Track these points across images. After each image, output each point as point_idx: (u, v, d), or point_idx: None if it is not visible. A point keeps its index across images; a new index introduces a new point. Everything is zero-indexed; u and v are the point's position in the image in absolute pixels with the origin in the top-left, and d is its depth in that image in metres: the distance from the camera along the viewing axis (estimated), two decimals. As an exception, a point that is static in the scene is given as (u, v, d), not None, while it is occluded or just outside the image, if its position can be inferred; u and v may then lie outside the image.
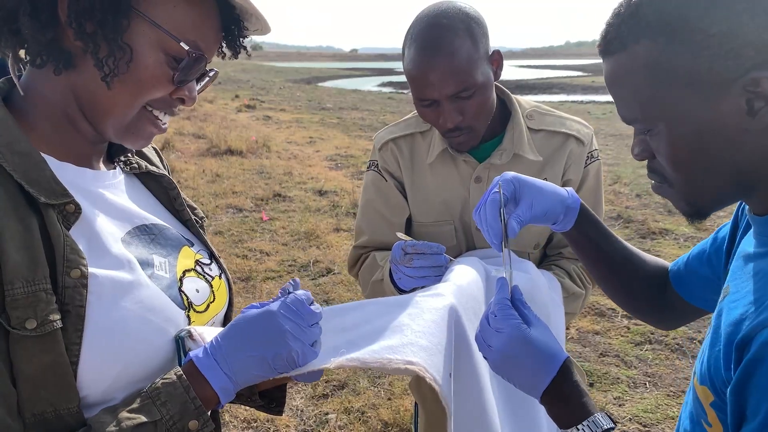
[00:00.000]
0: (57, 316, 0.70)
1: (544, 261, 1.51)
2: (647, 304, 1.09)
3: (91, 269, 0.74)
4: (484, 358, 0.92)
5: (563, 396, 0.83)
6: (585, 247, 1.07)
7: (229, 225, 5.53)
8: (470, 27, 1.22)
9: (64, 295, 0.71)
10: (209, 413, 0.78)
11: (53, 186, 0.75)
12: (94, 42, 0.75)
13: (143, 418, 0.71)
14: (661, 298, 1.06)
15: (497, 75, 1.32)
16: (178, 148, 8.78)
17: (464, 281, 1.12)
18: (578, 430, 0.80)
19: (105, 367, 0.74)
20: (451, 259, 1.29)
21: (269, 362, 0.78)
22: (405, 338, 0.88)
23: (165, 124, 0.87)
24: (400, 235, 1.37)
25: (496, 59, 1.30)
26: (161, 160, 1.09)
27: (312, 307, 0.82)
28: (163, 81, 0.80)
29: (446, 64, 1.20)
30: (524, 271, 1.27)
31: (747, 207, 0.82)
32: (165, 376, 0.75)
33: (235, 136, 9.35)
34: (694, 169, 0.73)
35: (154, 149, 1.09)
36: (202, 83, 0.89)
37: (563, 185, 1.42)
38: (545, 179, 1.39)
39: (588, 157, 1.42)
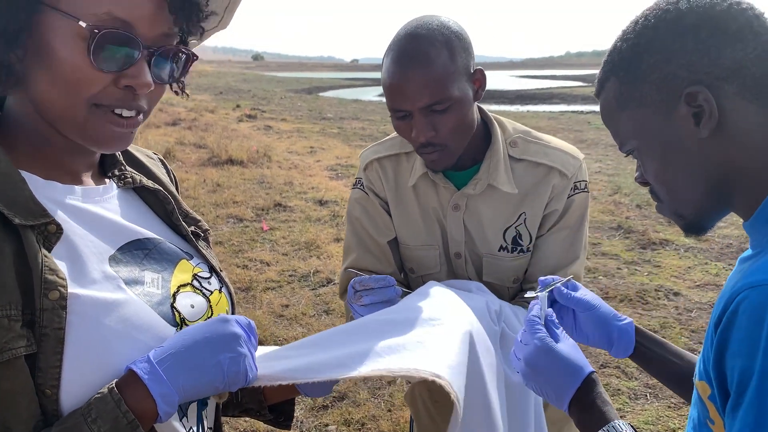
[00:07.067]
0: (21, 343, 0.67)
1: (518, 295, 1.42)
2: None
3: (72, 290, 0.71)
4: (517, 372, 0.98)
5: (587, 405, 0.88)
6: (653, 366, 1.07)
7: (229, 235, 5.54)
8: (449, 40, 1.18)
9: (42, 317, 0.68)
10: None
11: (31, 206, 0.72)
12: (13, 50, 0.70)
13: None
14: None
15: (478, 95, 1.26)
16: (179, 157, 8.79)
17: (471, 311, 1.10)
18: None
19: (89, 389, 0.71)
20: (404, 291, 1.25)
21: (222, 367, 0.74)
22: (430, 352, 0.89)
23: (132, 119, 0.78)
24: (351, 270, 1.33)
25: (479, 78, 1.24)
26: (168, 172, 1.06)
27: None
28: (88, 71, 0.72)
29: (420, 74, 1.16)
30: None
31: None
32: (99, 391, 0.71)
33: (236, 146, 9.36)
34: (671, 182, 0.82)
35: (161, 161, 1.07)
36: (178, 67, 0.81)
37: (544, 216, 1.36)
38: (524, 213, 1.35)
39: (573, 188, 1.35)
